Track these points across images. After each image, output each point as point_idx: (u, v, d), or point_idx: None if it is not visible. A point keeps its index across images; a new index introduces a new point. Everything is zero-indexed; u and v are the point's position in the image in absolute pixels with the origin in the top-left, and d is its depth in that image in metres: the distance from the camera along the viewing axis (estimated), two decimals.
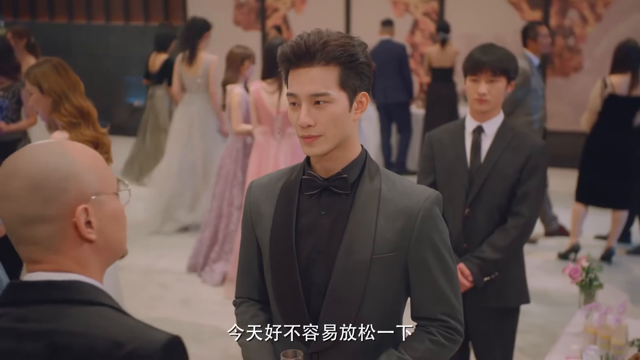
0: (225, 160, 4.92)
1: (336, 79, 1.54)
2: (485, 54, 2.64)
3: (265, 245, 1.68)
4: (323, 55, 1.52)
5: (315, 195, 1.62)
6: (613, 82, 5.00)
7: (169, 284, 4.96)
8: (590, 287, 2.45)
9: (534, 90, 5.41)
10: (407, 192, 1.62)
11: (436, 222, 1.61)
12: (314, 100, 1.54)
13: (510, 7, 8.30)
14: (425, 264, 1.61)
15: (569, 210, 6.00)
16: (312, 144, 1.56)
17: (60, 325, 1.12)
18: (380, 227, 1.59)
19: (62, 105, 2.98)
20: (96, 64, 10.49)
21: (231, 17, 9.69)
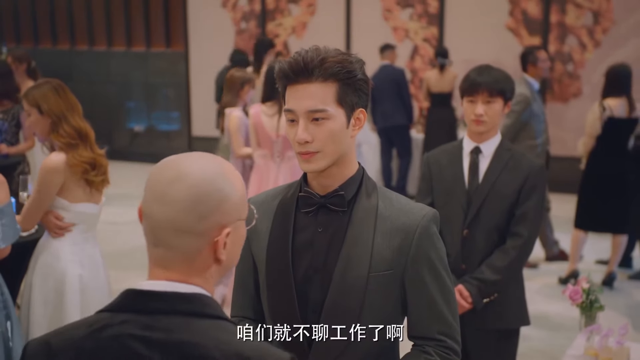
0: None
1: (334, 95, 1.54)
2: (481, 75, 2.65)
3: (261, 262, 1.66)
4: (321, 72, 1.53)
5: (312, 212, 1.61)
6: (610, 105, 5.00)
7: None
8: (591, 309, 2.42)
9: (536, 114, 5.42)
10: (404, 210, 1.60)
11: (433, 240, 1.60)
12: (311, 116, 1.54)
13: (509, 33, 8.36)
14: (422, 282, 1.59)
15: (569, 235, 5.98)
16: (310, 160, 1.56)
17: (190, 337, 1.14)
18: (377, 244, 1.57)
19: (60, 127, 2.99)
20: (97, 90, 10.55)
21: (232, 43, 9.75)
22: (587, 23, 8.09)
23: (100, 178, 3.08)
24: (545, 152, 5.62)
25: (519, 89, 5.40)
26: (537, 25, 8.26)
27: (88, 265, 3.10)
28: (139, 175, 9.44)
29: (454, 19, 8.59)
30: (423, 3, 8.72)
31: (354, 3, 9.04)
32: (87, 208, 3.08)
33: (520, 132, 5.43)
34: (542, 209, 2.69)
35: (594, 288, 2.43)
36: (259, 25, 9.59)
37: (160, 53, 10.31)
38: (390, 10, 8.88)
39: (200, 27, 9.92)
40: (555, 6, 8.19)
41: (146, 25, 10.29)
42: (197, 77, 10.05)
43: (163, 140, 10.52)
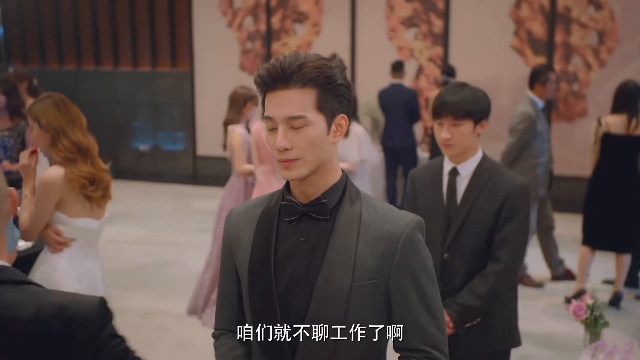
0: (226, 200, 4.89)
1: (313, 101, 1.51)
2: (448, 96, 2.55)
3: (243, 273, 1.62)
4: (299, 77, 1.50)
5: (294, 221, 1.57)
6: (608, 121, 5.00)
7: (168, 327, 4.88)
8: (596, 326, 2.37)
9: (539, 133, 5.42)
10: (388, 217, 1.56)
11: (418, 248, 1.56)
12: (290, 123, 1.50)
13: (514, 52, 8.36)
14: (404, 292, 1.54)
15: (576, 254, 5.92)
16: (290, 167, 1.52)
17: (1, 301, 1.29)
18: (361, 253, 1.53)
19: (59, 141, 2.98)
20: (103, 109, 10.58)
21: (237, 62, 9.79)
22: (592, 43, 8.08)
23: (99, 193, 3.05)
24: (549, 170, 5.60)
25: (523, 107, 5.43)
26: (542, 45, 8.26)
27: (86, 281, 3.07)
28: (143, 194, 9.51)
29: (459, 38, 8.60)
30: (428, 23, 8.75)
31: (359, 23, 9.07)
32: (87, 223, 3.05)
33: (524, 150, 5.42)
34: (526, 231, 2.57)
35: (598, 304, 2.38)
36: (265, 45, 9.63)
37: (166, 73, 10.35)
38: (395, 30, 8.90)
39: (206, 46, 9.96)
40: (560, 26, 8.19)
41: (152, 45, 10.34)
42: (202, 96, 10.08)
43: (168, 159, 10.52)
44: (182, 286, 5.63)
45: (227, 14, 9.81)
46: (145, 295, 5.48)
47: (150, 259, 6.47)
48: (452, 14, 8.62)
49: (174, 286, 5.69)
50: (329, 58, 1.55)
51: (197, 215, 8.33)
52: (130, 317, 5.01)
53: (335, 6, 9.17)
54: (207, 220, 7.79)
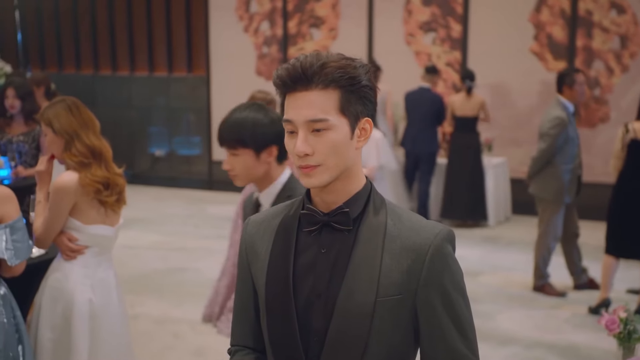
0: (240, 207, 4.80)
1: (336, 103, 1.40)
2: (223, 124, 2.38)
3: (260, 286, 1.53)
4: (321, 78, 1.39)
5: (315, 231, 1.47)
6: (635, 127, 4.86)
7: (182, 334, 4.81)
8: (630, 341, 2.26)
9: (571, 138, 5.30)
10: (415, 228, 1.45)
11: (447, 261, 1.44)
12: (311, 127, 1.40)
13: (534, 57, 8.23)
14: (433, 309, 1.43)
15: (598, 262, 5.79)
16: (311, 174, 1.42)
17: None
18: (385, 266, 1.42)
19: (73, 145, 2.91)
20: (120, 115, 10.57)
21: (254, 68, 9.74)
22: (615, 47, 7.94)
23: (114, 198, 2.98)
24: (577, 177, 5.45)
25: (555, 111, 5.30)
26: (563, 49, 8.13)
27: (99, 289, 3.00)
28: (159, 199, 9.47)
29: (478, 43, 8.49)
30: (446, 27, 8.65)
31: (376, 27, 8.99)
32: (102, 230, 2.99)
33: (554, 156, 5.31)
34: None
35: (632, 317, 2.27)
36: (281, 50, 9.57)
37: (182, 78, 10.32)
38: (413, 34, 8.81)
39: (222, 52, 9.92)
40: (581, 30, 8.06)
41: (168, 50, 10.32)
42: (218, 101, 10.03)
43: (184, 164, 10.49)
44: (197, 293, 5.55)
45: (243, 18, 9.77)
46: (159, 302, 5.41)
47: (165, 265, 6.41)
48: (471, 18, 8.52)
49: (188, 293, 5.62)
50: (352, 58, 1.45)
51: (213, 220, 8.27)
52: (144, 324, 4.95)
53: (352, 11, 9.09)
54: (222, 226, 7.73)
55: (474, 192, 7.55)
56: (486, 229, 7.62)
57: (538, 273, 5.59)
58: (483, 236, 7.34)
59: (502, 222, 7.97)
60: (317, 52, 1.43)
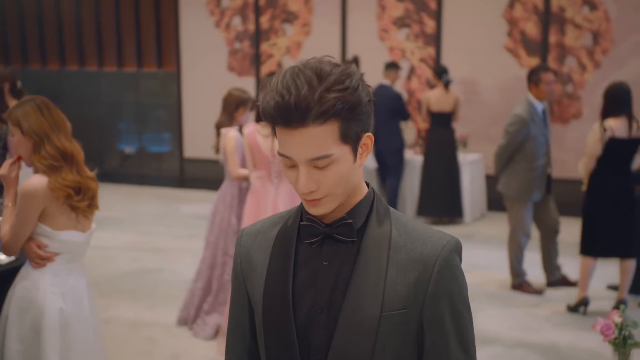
0: (219, 206, 4.70)
1: (336, 134, 1.28)
2: None
3: (257, 301, 1.43)
4: (319, 115, 1.25)
5: (316, 243, 1.38)
6: (612, 125, 4.84)
7: (157, 338, 4.68)
8: (625, 346, 2.21)
9: (533, 136, 5.28)
10: (421, 238, 1.37)
11: (455, 273, 1.37)
12: (313, 164, 1.29)
13: (507, 53, 8.23)
14: (440, 323, 1.36)
15: (572, 258, 5.80)
16: (317, 205, 1.33)
17: None
18: (391, 279, 1.34)
19: (42, 147, 2.77)
20: (88, 111, 10.35)
21: (225, 63, 9.59)
22: (587, 44, 7.97)
23: (85, 203, 2.84)
24: (547, 175, 5.44)
25: (517, 109, 5.37)
26: (536, 45, 8.14)
27: (71, 298, 2.86)
28: (129, 198, 9.28)
29: (451, 39, 8.46)
30: (420, 23, 8.60)
31: (350, 23, 8.91)
32: (72, 236, 2.85)
33: (517, 153, 5.37)
34: None
35: (627, 322, 2.22)
36: (253, 46, 9.44)
37: (152, 74, 10.13)
38: (387, 30, 8.75)
39: (193, 47, 9.76)
40: (554, 26, 8.07)
41: (137, 45, 10.12)
42: (189, 98, 9.88)
43: (154, 162, 10.31)
44: (172, 295, 5.43)
45: (214, 13, 9.61)
46: (133, 305, 5.27)
47: (138, 266, 6.26)
48: (445, 14, 8.48)
49: (163, 295, 5.49)
50: (348, 72, 1.29)
51: (186, 219, 8.13)
52: (118, 328, 4.81)
53: (325, 6, 9.00)
54: (195, 225, 7.60)
55: (450, 189, 7.53)
56: (462, 226, 7.60)
57: (513, 271, 5.58)
58: (459, 233, 7.30)
59: (477, 219, 7.96)
60: (308, 78, 1.26)
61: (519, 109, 5.37)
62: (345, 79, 1.27)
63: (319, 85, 1.25)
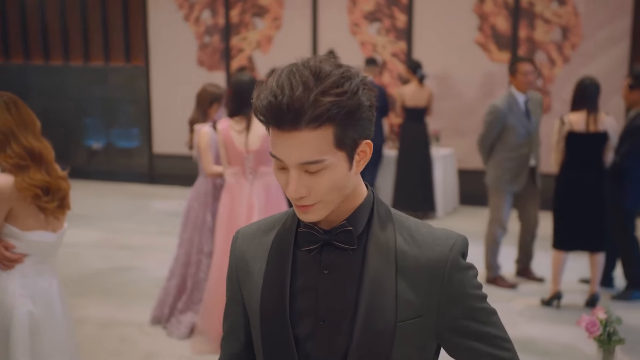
0: (193, 203, 4.62)
1: (331, 140, 1.21)
2: None
3: (253, 312, 1.37)
4: (313, 119, 1.18)
5: (315, 250, 1.32)
6: (571, 119, 4.90)
7: (130, 338, 4.59)
8: (610, 343, 2.20)
9: (511, 127, 5.30)
10: (427, 242, 1.32)
11: (467, 275, 1.33)
12: (305, 168, 1.23)
13: (478, 48, 8.26)
14: (460, 327, 1.32)
15: (545, 251, 5.83)
16: (308, 211, 1.27)
17: None
18: (402, 288, 1.29)
19: (8, 146, 2.67)
20: (53, 106, 10.15)
21: (195, 58, 9.48)
22: (556, 38, 8.03)
23: (55, 204, 2.74)
24: (528, 167, 5.41)
25: (495, 100, 5.42)
26: (506, 40, 8.18)
27: (41, 301, 2.76)
28: (98, 194, 9.13)
29: (423, 33, 8.46)
30: (391, 17, 8.58)
31: (321, 17, 8.86)
32: (42, 237, 2.75)
33: (496, 143, 5.41)
34: None
35: (612, 319, 2.22)
36: (223, 40, 9.33)
37: (120, 68, 9.96)
38: (358, 24, 8.72)
39: (162, 41, 9.62)
40: (524, 21, 8.12)
41: (105, 39, 9.94)
42: (158, 92, 9.74)
43: (123, 157, 10.15)
44: (144, 293, 5.34)
45: (183, 7, 9.48)
46: (104, 304, 5.17)
47: (108, 264, 6.15)
48: (416, 8, 8.48)
49: (135, 293, 5.39)
50: (348, 74, 1.22)
51: (156, 216, 8.01)
52: (89, 328, 4.71)
53: (296, 0, 8.93)
54: (166, 222, 7.50)
55: (423, 184, 7.54)
56: (434, 220, 7.62)
57: (488, 265, 5.59)
58: None
59: (450, 213, 7.98)
60: (304, 79, 1.19)
61: (496, 100, 5.46)
62: (345, 82, 1.21)
63: (315, 87, 1.18)
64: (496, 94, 8.13)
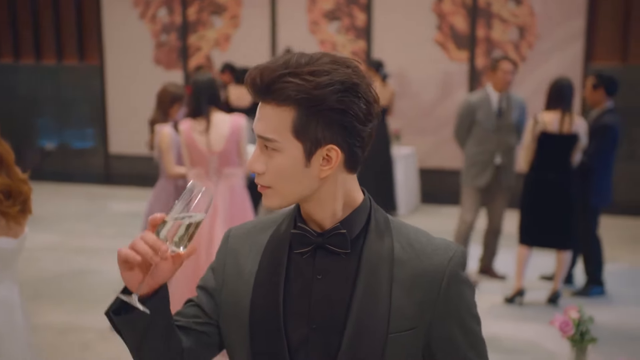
0: (154, 205, 4.53)
1: (289, 124, 1.20)
2: None
3: (241, 312, 1.31)
4: (276, 93, 1.20)
5: (308, 253, 1.29)
6: (545, 119, 4.94)
7: (91, 344, 4.47)
8: (583, 342, 2.21)
9: (480, 122, 5.35)
10: (426, 251, 1.29)
11: (463, 289, 1.29)
12: (263, 143, 1.24)
13: (437, 47, 8.30)
14: (452, 342, 1.28)
15: (509, 249, 5.89)
16: (265, 194, 1.26)
17: None
18: (396, 298, 1.25)
19: None
20: (3, 106, 9.86)
21: (151, 56, 9.32)
22: (513, 38, 8.13)
23: (16, 208, 2.65)
24: (493, 164, 5.40)
25: (469, 94, 5.51)
26: (465, 39, 8.24)
27: (1, 309, 2.66)
28: (52, 196, 8.89)
29: (382, 32, 8.47)
30: (350, 16, 8.57)
31: (280, 15, 8.80)
32: (3, 243, 2.65)
33: (468, 138, 5.49)
34: None
35: (584, 318, 2.22)
36: (180, 38, 9.20)
37: (73, 67, 9.74)
38: (317, 23, 8.68)
39: (117, 39, 9.44)
40: (482, 21, 8.19)
41: (57, 37, 9.70)
42: (113, 92, 9.55)
43: (78, 158, 9.93)
44: (104, 298, 5.19)
45: (138, 4, 9.32)
46: (61, 310, 5.03)
47: (65, 268, 5.99)
48: (375, 7, 8.48)
49: (94, 298, 5.26)
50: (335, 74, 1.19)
51: (114, 218, 7.85)
52: (47, 335, 4.58)
53: None
54: (124, 224, 7.35)
55: (385, 183, 7.54)
56: None
57: None
58: None
59: (412, 212, 8.01)
60: (290, 60, 1.20)
61: (470, 95, 5.62)
62: (323, 75, 1.19)
63: (292, 68, 1.20)
64: (455, 92, 8.21)
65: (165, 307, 1.26)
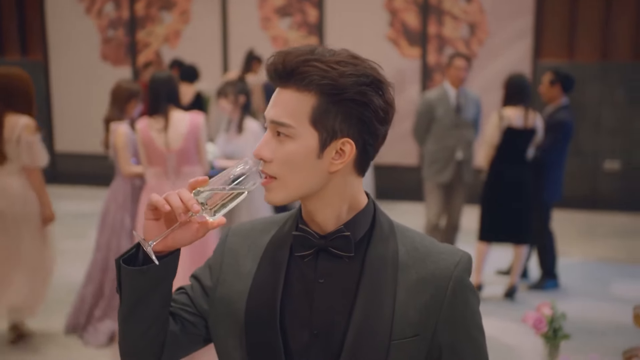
0: (110, 205, 4.40)
1: (308, 111, 1.18)
2: None
3: (234, 319, 1.26)
4: (298, 77, 1.17)
5: (309, 256, 1.25)
6: (509, 114, 4.99)
7: (42, 349, 4.32)
8: (556, 339, 2.22)
9: (439, 118, 5.39)
10: (431, 256, 1.25)
11: (469, 295, 1.26)
12: (275, 129, 1.20)
13: (389, 43, 8.33)
14: (455, 350, 1.25)
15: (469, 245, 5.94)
16: (268, 187, 1.21)
17: None
18: (400, 303, 1.21)
19: None
20: None
21: (98, 52, 9.09)
22: (464, 35, 8.22)
23: None
24: (454, 160, 5.43)
25: (427, 92, 5.67)
26: (417, 36, 8.29)
27: None
28: None
29: (334, 28, 8.46)
30: (302, 12, 8.53)
31: (231, 11, 8.69)
32: None
33: (428, 135, 5.51)
34: None
35: (557, 315, 2.24)
36: (128, 34, 9.00)
37: (15, 63, 9.40)
38: (269, 19, 8.61)
39: (62, 35, 9.18)
40: (433, 18, 8.26)
41: None
42: (59, 89, 9.29)
43: None
44: (55, 301, 5.05)
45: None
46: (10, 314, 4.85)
47: None
48: (327, 3, 8.46)
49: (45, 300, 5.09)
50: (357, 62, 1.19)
51: (62, 218, 7.59)
52: None
53: None
54: (74, 224, 7.16)
55: None
56: None
57: None
58: None
59: None
60: (316, 48, 1.19)
61: (429, 91, 5.68)
62: (347, 65, 1.17)
63: (317, 56, 1.18)
64: (407, 89, 8.25)
65: (171, 274, 1.22)
